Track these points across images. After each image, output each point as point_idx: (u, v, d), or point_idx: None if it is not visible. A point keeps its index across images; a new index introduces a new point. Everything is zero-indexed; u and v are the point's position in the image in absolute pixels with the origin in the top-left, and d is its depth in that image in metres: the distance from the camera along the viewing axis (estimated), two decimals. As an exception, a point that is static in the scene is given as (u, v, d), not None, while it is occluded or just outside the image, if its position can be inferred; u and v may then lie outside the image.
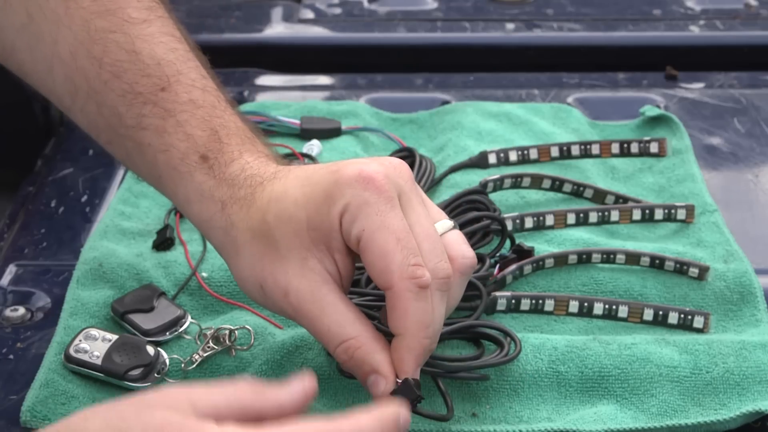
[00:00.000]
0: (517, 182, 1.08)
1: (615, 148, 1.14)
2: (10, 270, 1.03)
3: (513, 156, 1.13)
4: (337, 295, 0.78)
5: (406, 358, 0.77)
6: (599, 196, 1.08)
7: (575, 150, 1.13)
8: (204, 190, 0.84)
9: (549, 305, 0.95)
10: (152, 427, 0.62)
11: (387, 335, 0.79)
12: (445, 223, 0.82)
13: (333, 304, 0.78)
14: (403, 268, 0.76)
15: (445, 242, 0.80)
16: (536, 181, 1.09)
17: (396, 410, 0.66)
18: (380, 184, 0.77)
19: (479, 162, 1.12)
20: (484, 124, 1.18)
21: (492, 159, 1.12)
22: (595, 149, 1.13)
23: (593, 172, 1.13)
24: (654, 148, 1.14)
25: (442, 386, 0.85)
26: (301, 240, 0.78)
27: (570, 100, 1.29)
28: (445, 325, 0.88)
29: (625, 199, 1.08)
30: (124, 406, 0.65)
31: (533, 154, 1.13)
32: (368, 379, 0.78)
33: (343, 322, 0.78)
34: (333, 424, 0.63)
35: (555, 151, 1.13)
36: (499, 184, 1.07)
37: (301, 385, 0.66)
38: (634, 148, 1.14)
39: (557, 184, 1.09)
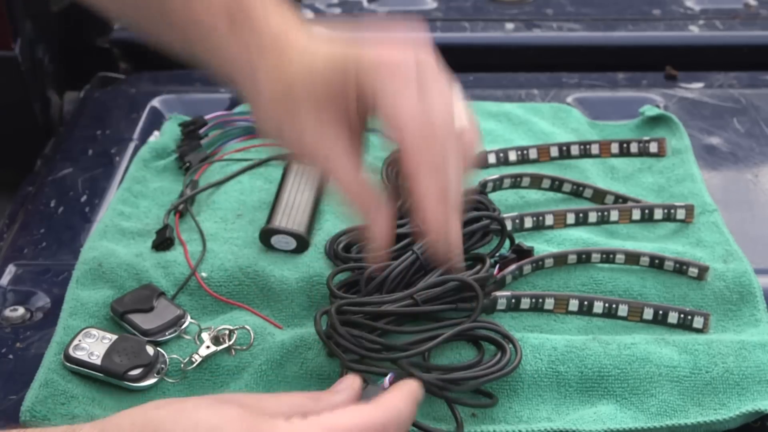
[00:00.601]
0: (516, 182, 1.08)
1: (614, 148, 1.14)
2: (10, 270, 1.03)
3: (512, 156, 1.13)
4: (345, 146, 0.81)
5: (429, 212, 0.79)
6: (599, 196, 1.08)
7: (575, 150, 1.13)
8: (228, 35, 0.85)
9: (549, 304, 0.95)
10: (228, 420, 0.68)
11: None
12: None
13: (345, 161, 0.81)
14: (414, 123, 0.78)
15: None
16: (536, 181, 1.09)
17: (411, 383, 0.76)
18: (400, 68, 0.80)
19: (478, 162, 1.11)
20: (484, 124, 1.18)
21: (491, 159, 1.12)
22: (595, 149, 1.14)
23: (593, 172, 1.12)
24: (653, 147, 1.14)
25: (457, 414, 0.86)
26: (317, 95, 0.81)
27: (569, 100, 1.29)
28: (446, 327, 0.89)
29: (625, 199, 1.08)
30: (199, 399, 0.71)
31: (533, 153, 1.13)
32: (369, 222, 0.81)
33: (349, 169, 0.81)
34: (378, 409, 0.72)
35: (554, 151, 1.13)
36: (498, 184, 1.07)
37: (349, 383, 0.76)
38: (634, 147, 1.14)
39: (557, 184, 1.09)
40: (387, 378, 0.79)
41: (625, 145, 1.14)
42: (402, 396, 0.75)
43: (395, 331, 0.90)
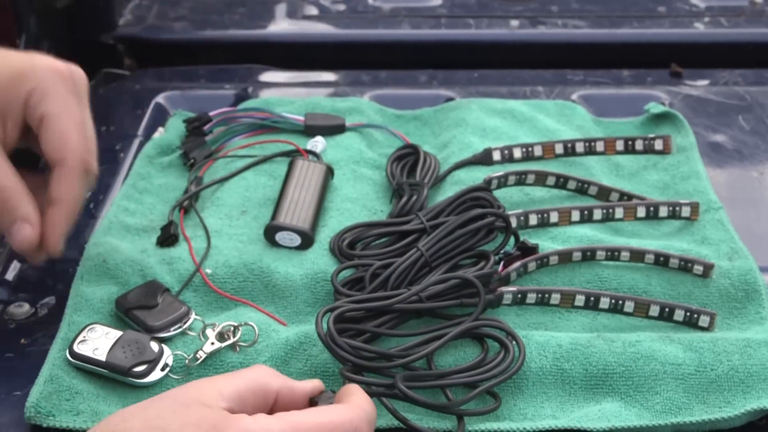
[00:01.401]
0: (521, 179, 1.08)
1: (619, 146, 1.14)
2: (15, 266, 1.03)
3: (517, 153, 1.12)
4: (2, 155, 0.89)
5: (60, 223, 0.90)
6: (603, 193, 1.08)
7: (579, 147, 1.13)
8: None
9: (555, 299, 0.95)
10: (189, 424, 0.69)
11: None
12: None
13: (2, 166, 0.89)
14: (79, 149, 0.90)
15: None
16: (540, 178, 1.08)
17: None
18: (69, 78, 0.92)
19: (483, 159, 1.11)
20: (489, 121, 1.18)
21: (496, 156, 1.12)
22: (600, 146, 1.13)
23: (598, 170, 1.12)
24: (659, 145, 1.14)
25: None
26: None
27: (574, 97, 1.28)
28: (451, 326, 0.89)
29: (630, 196, 1.08)
30: (160, 404, 0.71)
31: (537, 151, 1.13)
32: (14, 226, 0.88)
33: (9, 179, 0.89)
34: (345, 408, 0.74)
35: (559, 148, 1.13)
36: (503, 182, 1.07)
37: (312, 381, 0.79)
38: (639, 145, 1.14)
39: (561, 182, 1.08)
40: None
41: (630, 143, 1.14)
42: (366, 396, 0.77)
43: (397, 335, 0.90)
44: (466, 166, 1.11)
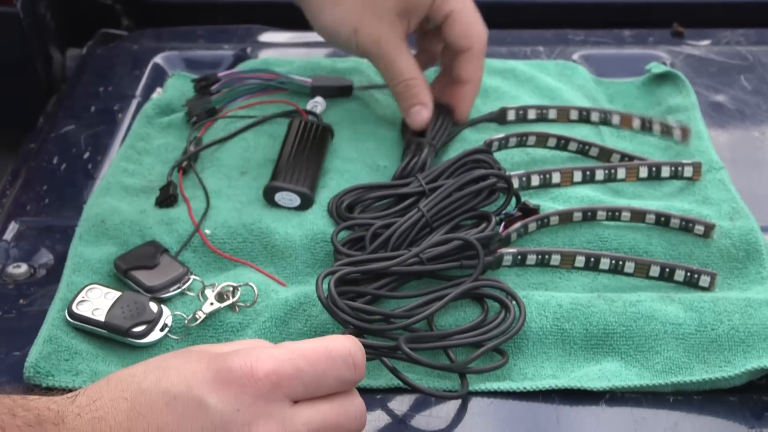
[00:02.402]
0: (522, 141, 1.07)
1: (636, 124, 1.12)
2: (13, 227, 1.03)
3: (532, 114, 1.12)
4: (408, 49, 1.07)
5: (470, 99, 1.10)
6: (605, 154, 1.08)
7: (594, 116, 1.12)
8: None
9: (555, 260, 0.95)
10: (190, 359, 0.73)
11: None
12: None
13: (407, 54, 1.07)
14: (482, 35, 1.08)
15: None
16: (541, 140, 1.08)
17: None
18: None
19: (498, 117, 1.11)
20: (490, 81, 1.18)
21: (511, 115, 1.11)
22: (615, 120, 1.12)
23: (600, 129, 1.12)
24: (677, 133, 1.11)
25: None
26: (398, 6, 1.04)
27: (575, 57, 1.28)
28: (451, 287, 0.89)
29: (631, 158, 1.07)
30: (160, 356, 0.76)
31: (552, 114, 1.12)
32: (414, 108, 1.06)
33: (412, 67, 1.07)
34: (341, 338, 0.77)
35: (574, 114, 1.12)
36: (504, 143, 1.07)
37: None
38: (656, 126, 1.12)
39: (562, 143, 1.08)
40: None
41: (647, 123, 1.12)
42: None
43: (398, 297, 0.90)
44: (479, 123, 1.11)
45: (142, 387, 0.71)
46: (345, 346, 0.75)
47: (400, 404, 0.85)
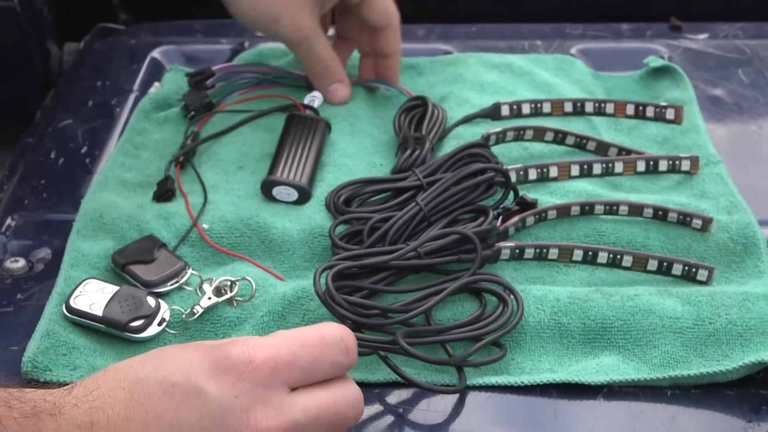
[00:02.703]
0: (519, 135, 1.07)
1: (630, 110, 1.12)
2: (10, 221, 1.03)
3: (526, 108, 1.11)
4: (323, 33, 1.14)
5: (397, 68, 1.17)
6: (602, 148, 1.08)
7: (589, 107, 1.11)
8: None
9: (553, 254, 0.95)
10: (188, 349, 0.74)
11: None
12: None
13: (324, 38, 1.14)
14: (396, 12, 1.14)
15: None
16: (539, 134, 1.08)
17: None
18: None
19: (492, 113, 1.11)
20: (486, 76, 1.18)
21: (505, 111, 1.11)
22: (610, 108, 1.11)
23: (598, 122, 1.12)
24: (670, 114, 1.11)
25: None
26: None
27: (573, 51, 1.28)
28: (449, 281, 0.89)
29: (628, 151, 1.07)
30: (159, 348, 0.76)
31: (546, 107, 1.11)
32: (333, 86, 1.14)
33: (329, 50, 1.14)
34: (334, 325, 0.77)
35: (569, 107, 1.11)
36: (501, 137, 1.07)
37: None
38: (650, 111, 1.11)
39: (560, 137, 1.08)
40: None
41: (641, 108, 1.12)
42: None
43: (395, 291, 0.90)
44: (473, 119, 1.11)
45: (139, 376, 0.71)
46: (336, 331, 0.76)
47: (398, 398, 0.85)
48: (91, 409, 0.70)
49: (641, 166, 1.04)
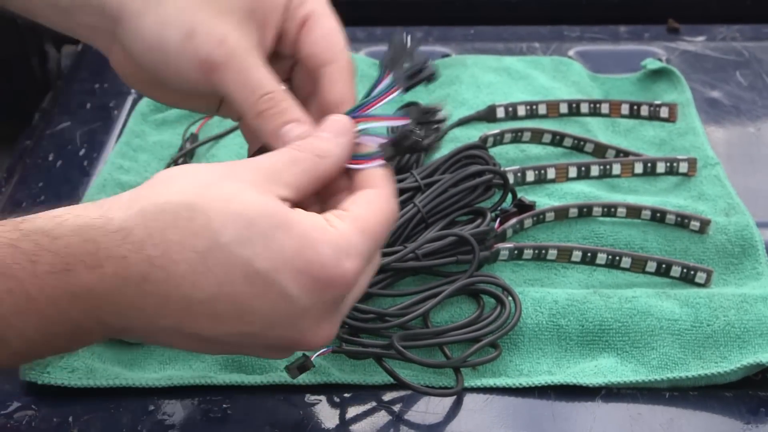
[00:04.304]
0: (517, 137, 1.07)
1: (624, 109, 1.12)
2: (9, 223, 1.03)
3: (521, 110, 1.11)
4: (264, 59, 0.78)
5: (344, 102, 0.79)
6: (600, 150, 1.08)
7: (584, 107, 1.11)
8: None
9: (552, 255, 0.95)
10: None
11: None
12: None
13: (264, 63, 0.78)
14: (347, 50, 0.80)
15: None
16: (536, 136, 1.08)
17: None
18: None
19: (487, 115, 1.11)
20: (483, 78, 1.18)
21: (500, 113, 1.11)
22: (605, 108, 1.12)
23: (594, 125, 1.12)
24: (664, 113, 1.11)
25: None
26: (244, 3, 0.78)
27: (571, 53, 1.28)
28: (447, 283, 0.90)
29: (626, 153, 1.07)
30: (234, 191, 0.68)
31: (542, 109, 1.11)
32: (286, 127, 0.76)
33: (272, 78, 0.77)
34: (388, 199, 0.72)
35: (564, 108, 1.11)
36: (499, 139, 1.07)
37: (339, 126, 0.74)
38: (644, 110, 1.12)
39: (557, 139, 1.08)
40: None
41: (635, 107, 1.12)
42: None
43: (392, 295, 0.90)
44: (469, 122, 1.11)
45: (220, 242, 0.65)
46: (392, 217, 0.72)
47: (396, 401, 0.84)
48: (149, 258, 0.65)
49: (639, 168, 1.04)
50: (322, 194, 0.74)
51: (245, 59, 0.77)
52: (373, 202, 0.72)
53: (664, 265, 0.94)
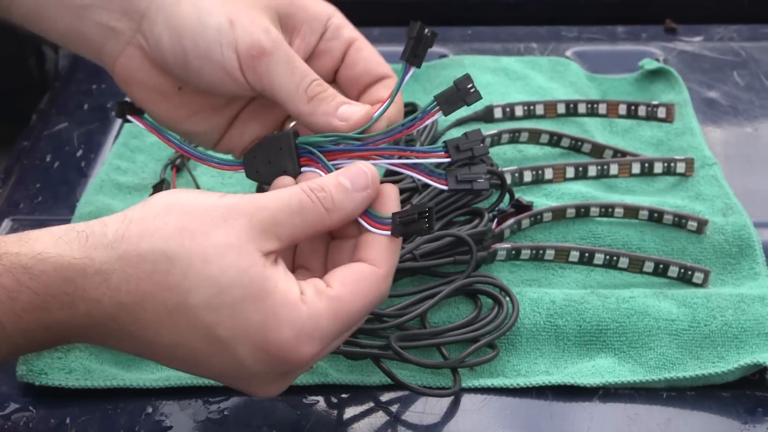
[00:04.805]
0: (514, 137, 1.07)
1: (622, 110, 1.12)
2: (6, 225, 1.03)
3: (519, 111, 1.11)
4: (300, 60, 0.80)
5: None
6: (597, 150, 1.08)
7: (582, 108, 1.11)
8: None
9: (549, 255, 0.95)
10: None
11: None
12: None
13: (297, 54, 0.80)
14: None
15: None
16: (534, 136, 1.08)
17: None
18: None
19: (485, 116, 1.11)
20: (481, 78, 1.18)
21: (497, 113, 1.11)
22: (602, 109, 1.11)
23: (591, 125, 1.12)
24: (662, 113, 1.11)
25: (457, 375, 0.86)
26: (279, 7, 0.81)
27: (569, 53, 1.28)
28: (444, 284, 0.90)
29: (624, 154, 1.07)
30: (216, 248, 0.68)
31: (539, 109, 1.11)
32: (342, 107, 0.78)
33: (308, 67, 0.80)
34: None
35: (561, 108, 1.11)
36: (496, 139, 1.07)
37: (363, 180, 0.73)
38: (642, 111, 1.12)
39: (555, 139, 1.08)
40: None
41: (633, 108, 1.12)
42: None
43: (390, 295, 0.90)
44: (466, 122, 1.11)
45: (189, 303, 0.67)
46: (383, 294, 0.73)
47: (394, 402, 0.84)
48: (121, 304, 0.68)
49: (636, 168, 1.04)
50: None
51: (290, 48, 0.79)
52: (360, 284, 0.71)
53: (661, 266, 0.94)
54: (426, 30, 0.78)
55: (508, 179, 1.00)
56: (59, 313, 0.68)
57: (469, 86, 0.76)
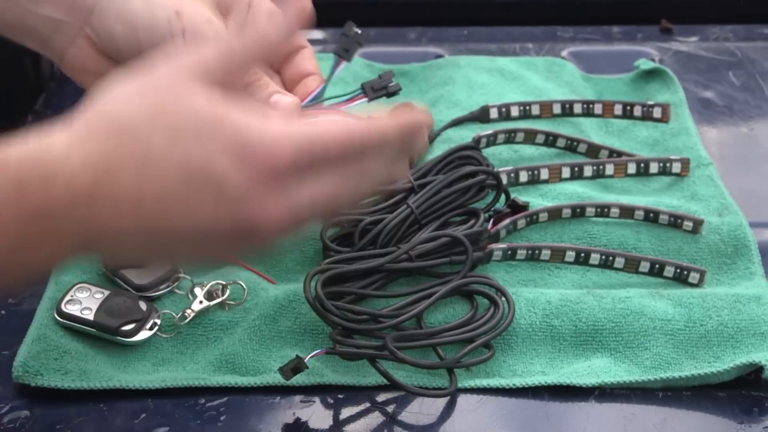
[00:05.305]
0: (510, 137, 1.07)
1: (618, 110, 1.12)
2: None
3: (515, 111, 1.11)
4: None
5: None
6: (593, 150, 1.08)
7: (577, 108, 1.11)
8: None
9: (545, 255, 0.95)
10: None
11: None
12: None
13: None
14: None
15: None
16: (530, 137, 1.08)
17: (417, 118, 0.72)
18: None
19: (480, 116, 1.11)
20: (476, 79, 1.18)
21: (493, 113, 1.11)
22: (598, 109, 1.11)
23: (587, 126, 1.12)
24: (657, 113, 1.11)
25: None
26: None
27: (564, 53, 1.28)
28: (440, 284, 0.90)
29: (619, 154, 1.07)
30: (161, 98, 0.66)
31: (535, 110, 1.11)
32: (273, 97, 0.84)
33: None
34: (364, 125, 0.68)
35: (557, 108, 1.11)
36: (492, 140, 1.07)
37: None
38: (637, 111, 1.11)
39: (551, 140, 1.08)
40: None
41: (628, 108, 1.12)
42: (394, 125, 0.71)
43: (386, 296, 0.90)
44: (462, 123, 1.11)
45: (154, 146, 0.64)
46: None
47: (390, 402, 0.84)
48: (95, 171, 0.64)
49: (632, 169, 1.05)
50: None
51: (231, 37, 0.81)
52: (333, 116, 0.73)
53: (657, 265, 0.94)
54: (355, 29, 0.87)
55: (504, 179, 1.00)
56: (38, 196, 0.64)
57: (391, 80, 0.88)
